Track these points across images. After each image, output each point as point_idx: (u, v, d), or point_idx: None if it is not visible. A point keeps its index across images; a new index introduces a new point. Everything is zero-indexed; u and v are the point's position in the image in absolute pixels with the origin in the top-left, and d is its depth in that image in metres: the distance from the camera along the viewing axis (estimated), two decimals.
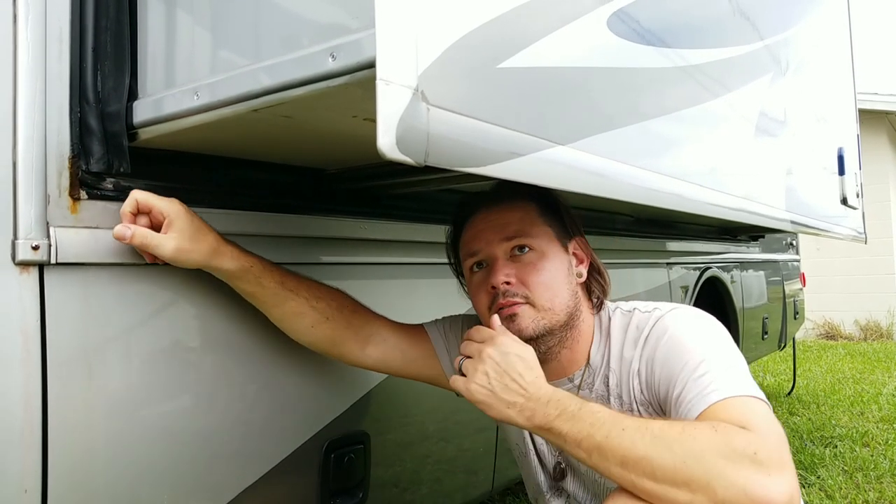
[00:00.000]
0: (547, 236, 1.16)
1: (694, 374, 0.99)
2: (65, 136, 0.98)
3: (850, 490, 2.96)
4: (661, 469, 0.86)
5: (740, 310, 3.63)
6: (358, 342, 1.24)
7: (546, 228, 1.17)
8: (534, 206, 1.18)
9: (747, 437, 0.86)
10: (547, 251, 1.15)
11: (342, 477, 1.37)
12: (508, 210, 1.16)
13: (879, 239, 8.19)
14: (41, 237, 0.94)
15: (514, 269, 1.12)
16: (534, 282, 1.12)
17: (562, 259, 1.17)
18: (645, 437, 0.89)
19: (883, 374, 5.87)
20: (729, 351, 1.04)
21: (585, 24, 1.05)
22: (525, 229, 1.14)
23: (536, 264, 1.13)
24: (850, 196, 2.89)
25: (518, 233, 1.14)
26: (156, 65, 1.03)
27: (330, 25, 0.81)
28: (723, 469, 0.84)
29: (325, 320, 1.19)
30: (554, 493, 1.28)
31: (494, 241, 1.14)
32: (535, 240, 1.14)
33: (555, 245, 1.17)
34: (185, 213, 1.02)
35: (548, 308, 1.12)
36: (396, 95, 0.67)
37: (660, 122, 1.34)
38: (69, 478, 0.96)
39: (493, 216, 1.16)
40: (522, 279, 1.12)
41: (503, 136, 0.85)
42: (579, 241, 1.22)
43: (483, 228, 1.16)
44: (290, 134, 1.05)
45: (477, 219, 1.18)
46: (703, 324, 1.10)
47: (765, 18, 2.00)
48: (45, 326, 0.94)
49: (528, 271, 1.12)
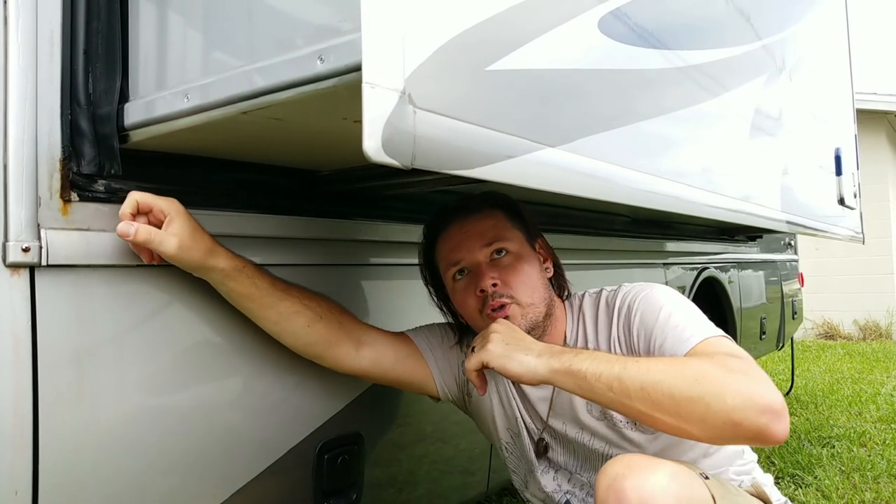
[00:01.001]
0: (518, 239, 1.28)
1: (669, 324, 1.14)
2: (56, 139, 0.98)
3: (847, 490, 2.96)
4: (677, 388, 0.97)
5: (738, 310, 3.63)
6: (352, 342, 1.24)
7: (516, 232, 1.29)
8: (501, 213, 1.29)
9: (736, 359, 1.03)
10: (521, 253, 1.27)
11: (336, 478, 1.37)
12: (481, 219, 1.27)
13: (879, 239, 8.19)
14: (32, 239, 0.94)
15: (496, 272, 1.23)
16: (515, 282, 1.23)
17: (533, 258, 1.29)
18: (658, 365, 1.02)
19: (881, 374, 5.87)
20: (691, 305, 1.21)
21: (576, 26, 1.05)
22: (500, 234, 1.26)
23: (515, 266, 1.25)
24: (847, 196, 2.89)
25: (495, 238, 1.25)
26: (147, 66, 1.03)
27: (319, 28, 0.81)
28: (728, 381, 0.97)
29: (319, 319, 1.19)
30: (544, 468, 1.36)
31: (475, 248, 1.25)
32: (510, 243, 1.26)
33: (525, 247, 1.29)
34: (184, 212, 1.04)
35: (530, 303, 1.23)
36: (382, 98, 0.67)
37: (653, 122, 1.34)
38: (60, 480, 0.96)
39: (469, 227, 1.26)
40: (505, 280, 1.23)
41: (492, 138, 0.85)
42: (541, 241, 1.36)
43: (462, 239, 1.26)
44: (281, 136, 1.05)
45: (452, 231, 1.28)
46: (664, 289, 1.26)
47: (762, 18, 1.99)
48: (36, 328, 0.94)
49: (508, 273, 1.24)
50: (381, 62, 0.68)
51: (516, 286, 1.23)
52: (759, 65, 1.96)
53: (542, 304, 1.26)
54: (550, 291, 1.31)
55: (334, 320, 1.22)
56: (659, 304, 1.20)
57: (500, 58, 0.88)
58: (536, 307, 1.24)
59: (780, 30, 2.16)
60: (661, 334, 1.15)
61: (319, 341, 1.21)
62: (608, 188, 1.16)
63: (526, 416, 1.36)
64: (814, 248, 8.07)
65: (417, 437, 1.65)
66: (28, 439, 0.93)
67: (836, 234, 2.86)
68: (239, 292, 1.12)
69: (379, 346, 1.29)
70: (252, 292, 1.12)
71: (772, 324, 4.21)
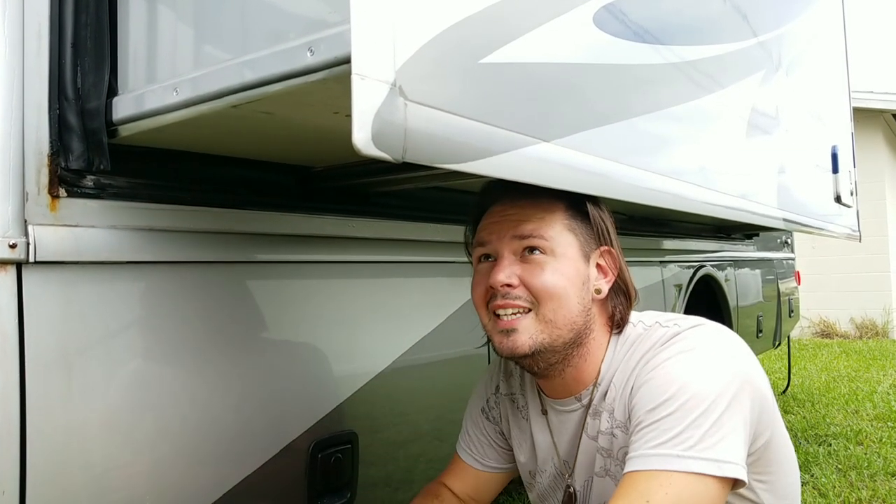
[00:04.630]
0: (566, 243, 1.05)
1: (654, 425, 0.92)
2: (43, 133, 0.97)
3: (844, 488, 2.96)
4: None
5: (734, 308, 3.62)
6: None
7: (568, 235, 1.05)
8: (561, 206, 1.07)
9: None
10: (561, 257, 1.03)
11: (329, 477, 1.36)
12: (531, 207, 1.05)
13: (875, 237, 8.20)
14: (19, 235, 0.93)
15: (519, 270, 1.03)
16: (539, 286, 1.01)
17: (578, 269, 1.05)
18: None
19: (878, 372, 5.88)
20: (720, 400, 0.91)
21: (571, 20, 1.04)
22: (543, 230, 1.03)
23: (545, 267, 1.02)
24: (843, 194, 2.89)
25: (533, 233, 1.03)
26: (136, 60, 1.02)
27: (309, 20, 0.80)
28: None
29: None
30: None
31: (506, 236, 1.04)
32: (550, 243, 1.03)
33: (573, 252, 1.05)
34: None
35: (549, 320, 1.02)
36: (372, 90, 0.66)
37: (648, 118, 1.33)
38: (48, 479, 0.95)
39: (513, 210, 1.06)
40: (527, 282, 1.02)
41: (484, 132, 0.84)
42: (607, 252, 1.10)
43: (498, 221, 1.06)
44: (272, 131, 1.04)
45: (496, 209, 1.08)
46: (712, 357, 0.97)
47: (758, 15, 1.99)
48: (24, 326, 0.92)
49: (535, 273, 1.02)
50: (370, 54, 0.67)
51: (539, 292, 1.01)
52: (755, 62, 1.95)
53: (568, 327, 1.03)
54: (591, 317, 1.06)
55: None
56: (669, 388, 0.94)
57: (493, 51, 0.87)
58: (556, 328, 1.02)
59: (776, 27, 2.16)
60: (637, 433, 0.95)
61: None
62: (603, 184, 1.15)
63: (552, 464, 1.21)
64: (810, 246, 8.07)
65: (413, 436, 1.64)
66: (15, 438, 0.91)
67: (832, 231, 2.86)
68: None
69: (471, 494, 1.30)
70: None
71: (768, 322, 4.21)
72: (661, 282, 2.93)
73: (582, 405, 1.11)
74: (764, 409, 1.00)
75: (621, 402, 1.04)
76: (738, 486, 0.93)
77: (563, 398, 1.13)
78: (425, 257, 1.62)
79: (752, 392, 0.96)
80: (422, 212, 1.59)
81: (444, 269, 1.67)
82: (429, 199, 1.60)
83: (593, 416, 1.10)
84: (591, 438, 1.10)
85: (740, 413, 0.93)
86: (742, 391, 0.94)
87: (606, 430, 1.07)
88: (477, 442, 1.32)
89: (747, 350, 1.03)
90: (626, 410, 1.02)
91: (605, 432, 1.07)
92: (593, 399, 1.09)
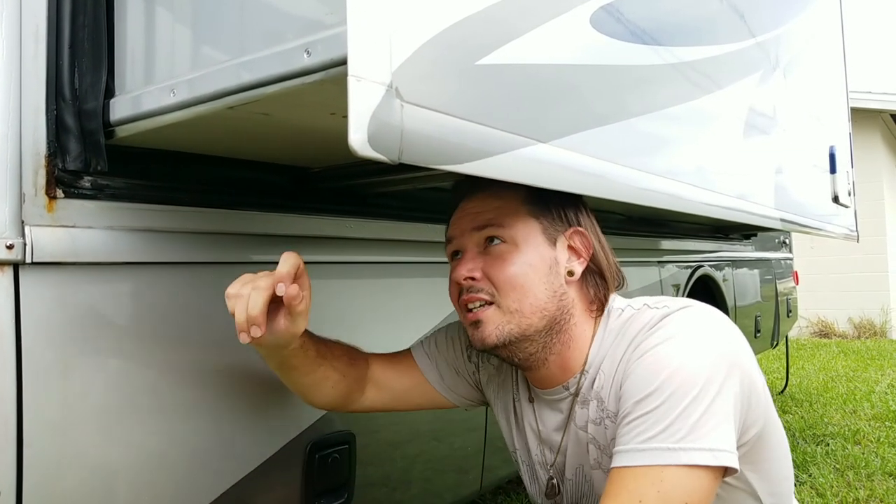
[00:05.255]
0: (528, 228, 1.04)
1: (643, 417, 0.90)
2: (41, 134, 0.97)
3: (842, 488, 2.96)
4: None
5: (732, 308, 3.63)
6: (360, 390, 1.23)
7: (529, 220, 1.04)
8: (521, 193, 1.05)
9: None
10: (522, 244, 1.02)
11: (326, 477, 1.36)
12: (490, 198, 1.06)
13: (873, 237, 8.21)
14: (16, 236, 0.93)
15: (481, 262, 1.03)
16: (499, 278, 1.01)
17: (542, 254, 1.03)
18: None
19: (876, 372, 5.89)
20: (710, 386, 0.89)
21: (568, 21, 1.04)
22: (500, 219, 1.03)
23: (505, 258, 1.02)
24: (841, 194, 2.89)
25: (490, 222, 1.03)
26: (134, 61, 1.02)
27: (306, 21, 0.80)
28: None
29: (342, 378, 1.17)
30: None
31: (467, 230, 1.05)
32: (508, 230, 1.02)
33: (536, 238, 1.04)
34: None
35: (514, 310, 1.01)
36: (369, 92, 0.66)
37: (646, 119, 1.33)
38: (45, 480, 0.95)
39: (473, 205, 1.07)
40: (489, 273, 1.02)
41: (482, 133, 0.84)
42: (577, 232, 1.08)
43: (461, 216, 1.08)
44: (270, 132, 1.04)
45: (462, 204, 1.09)
46: (702, 340, 0.94)
47: (756, 15, 1.99)
48: (20, 327, 0.92)
49: (495, 265, 1.02)
50: (367, 55, 0.67)
51: (500, 283, 1.01)
52: (753, 62, 1.96)
53: (537, 315, 1.01)
54: (566, 302, 1.04)
55: (353, 373, 1.20)
56: (657, 378, 0.91)
57: (490, 52, 0.87)
58: (524, 317, 1.01)
59: (774, 27, 2.16)
60: (624, 425, 0.92)
61: (338, 398, 1.20)
62: (600, 185, 1.15)
63: (536, 451, 1.19)
64: (808, 246, 8.08)
65: (411, 436, 1.64)
66: (12, 439, 0.91)
67: (830, 232, 2.86)
68: (289, 364, 1.09)
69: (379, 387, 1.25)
70: (301, 363, 1.10)
71: (766, 322, 4.21)
72: (658, 282, 2.94)
73: (570, 393, 1.08)
74: (753, 391, 0.97)
75: (612, 391, 1.01)
76: (729, 474, 0.91)
77: (549, 388, 1.11)
78: (423, 258, 1.62)
79: (741, 375, 0.93)
80: (419, 212, 1.59)
81: (441, 269, 1.66)
82: (426, 199, 1.60)
83: (581, 405, 1.07)
84: (580, 428, 1.08)
85: (731, 397, 0.91)
86: (731, 374, 0.92)
87: (597, 420, 1.04)
88: (442, 356, 1.27)
89: (736, 332, 1.00)
90: (616, 400, 0.99)
91: (595, 421, 1.04)
92: (581, 387, 1.06)
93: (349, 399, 1.22)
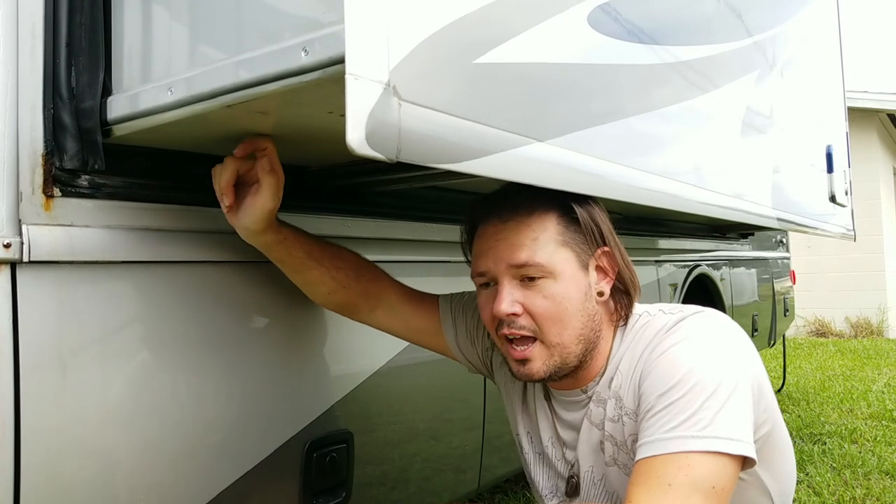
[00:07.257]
0: (564, 260, 1.04)
1: (665, 410, 0.94)
2: (38, 133, 0.97)
3: (839, 487, 2.97)
4: None
5: (729, 307, 3.64)
6: (368, 307, 1.28)
7: (564, 251, 1.04)
8: (552, 220, 1.05)
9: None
10: (560, 277, 1.03)
11: (324, 476, 1.36)
12: (523, 225, 1.04)
13: (870, 236, 8.23)
14: (13, 235, 0.92)
15: (520, 295, 1.03)
16: (542, 315, 1.02)
17: (578, 283, 1.05)
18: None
19: (872, 371, 5.90)
20: (725, 385, 0.94)
21: (565, 20, 1.04)
22: (537, 255, 1.02)
23: (545, 294, 1.02)
24: (838, 194, 2.89)
25: (528, 261, 1.02)
26: (131, 60, 1.02)
27: (304, 19, 0.80)
28: None
29: (342, 289, 1.23)
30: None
31: (502, 264, 1.03)
32: (547, 267, 1.02)
33: (572, 267, 1.05)
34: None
35: (556, 343, 1.03)
36: (366, 90, 0.66)
37: (643, 118, 1.33)
38: (43, 479, 0.95)
39: (504, 232, 1.04)
40: (529, 309, 1.02)
41: (479, 132, 0.84)
42: (605, 253, 1.09)
43: (492, 246, 1.05)
44: (267, 130, 1.03)
45: (488, 229, 1.07)
46: (717, 342, 1.00)
47: (753, 15, 1.99)
48: (18, 326, 0.92)
49: (535, 302, 1.02)
50: (364, 54, 0.67)
51: (542, 320, 1.02)
52: (750, 62, 1.96)
53: (575, 342, 1.04)
54: (596, 322, 1.07)
55: (358, 288, 1.25)
56: (677, 373, 0.95)
57: (487, 51, 0.87)
58: (565, 348, 1.03)
59: (771, 27, 2.16)
60: (648, 419, 0.96)
61: (336, 306, 1.28)
62: (597, 184, 1.15)
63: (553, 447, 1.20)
64: (805, 245, 8.10)
65: (408, 435, 1.64)
66: (10, 439, 0.91)
67: (827, 231, 2.87)
68: (273, 257, 1.17)
69: (393, 314, 1.29)
70: (284, 259, 1.17)
71: (763, 321, 4.22)
72: (656, 281, 2.94)
73: (587, 396, 1.12)
74: (762, 392, 1.03)
75: (630, 389, 1.05)
76: (748, 466, 0.96)
77: (568, 390, 1.14)
78: (421, 257, 1.63)
79: (752, 375, 0.99)
80: (417, 211, 1.59)
81: (440, 268, 1.67)
82: (424, 198, 1.60)
83: (597, 404, 1.10)
84: (596, 426, 1.11)
85: (746, 395, 0.96)
86: (744, 374, 0.97)
87: (614, 417, 1.07)
88: (463, 321, 1.30)
89: (746, 336, 1.06)
90: (635, 397, 1.03)
91: (612, 419, 1.08)
92: (598, 387, 1.11)
93: (351, 310, 1.29)
